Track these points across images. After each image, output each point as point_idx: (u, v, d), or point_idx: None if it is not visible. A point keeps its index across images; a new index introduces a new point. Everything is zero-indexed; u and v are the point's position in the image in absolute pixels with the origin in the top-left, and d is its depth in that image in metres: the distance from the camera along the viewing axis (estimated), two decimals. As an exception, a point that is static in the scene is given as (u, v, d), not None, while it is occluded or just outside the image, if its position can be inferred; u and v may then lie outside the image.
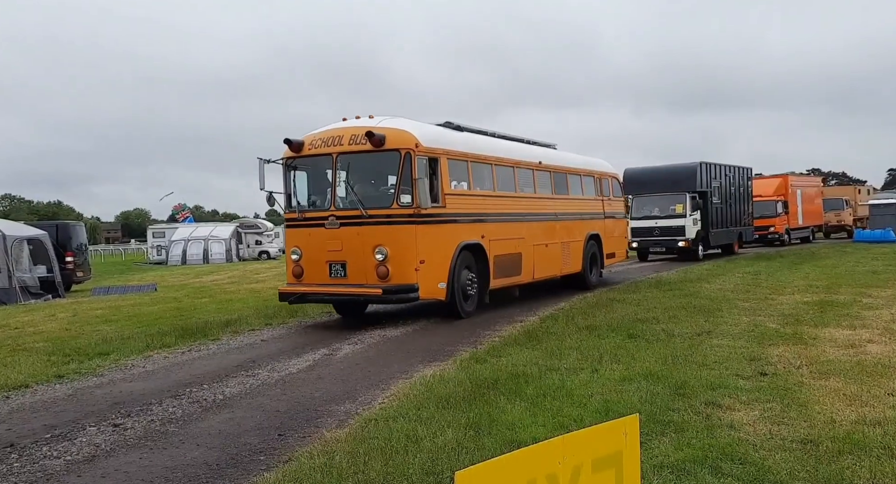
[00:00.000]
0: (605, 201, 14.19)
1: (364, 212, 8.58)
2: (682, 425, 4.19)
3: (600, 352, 6.49)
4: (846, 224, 32.42)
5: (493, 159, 10.47)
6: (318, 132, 9.29)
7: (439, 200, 8.97)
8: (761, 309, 9.24)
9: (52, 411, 5.31)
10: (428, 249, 8.70)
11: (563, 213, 12.39)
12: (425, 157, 8.73)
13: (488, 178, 10.39)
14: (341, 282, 8.78)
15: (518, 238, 10.82)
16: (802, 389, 5.02)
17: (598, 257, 13.70)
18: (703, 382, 5.24)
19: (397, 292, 8.48)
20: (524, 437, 4.05)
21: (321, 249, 8.89)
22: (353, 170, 8.93)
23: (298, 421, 4.80)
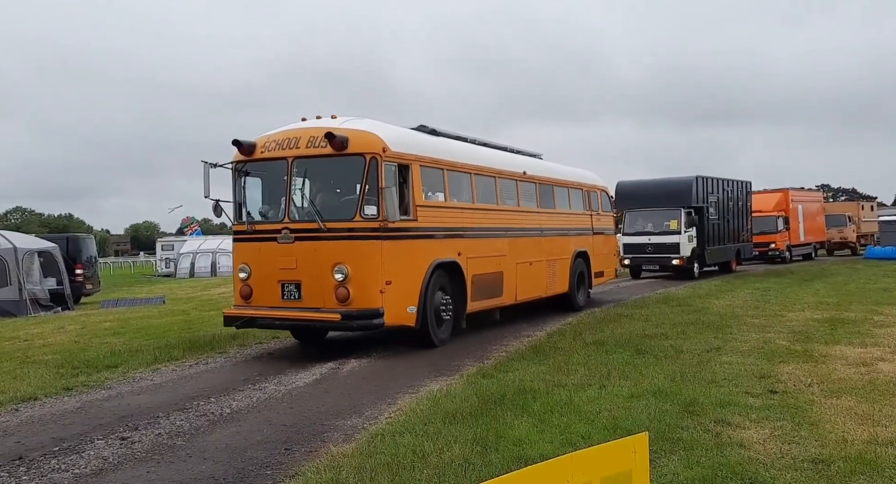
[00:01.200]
0: (593, 216, 13.23)
1: (322, 224, 7.47)
2: (691, 443, 4.15)
3: (608, 368, 6.45)
4: (849, 241, 31.38)
5: (473, 168, 9.45)
6: (273, 133, 8.18)
7: (410, 213, 7.93)
8: (771, 326, 9.16)
9: (61, 424, 5.32)
10: (395, 268, 7.62)
11: (549, 229, 11.38)
12: (394, 164, 7.68)
13: (466, 189, 9.37)
14: (295, 305, 7.61)
15: (499, 255, 9.75)
16: (813, 407, 4.97)
17: (586, 276, 12.68)
18: (713, 399, 5.19)
19: (359, 318, 7.38)
20: (531, 453, 4.03)
21: (273, 267, 7.74)
22: (311, 176, 7.94)
23: (305, 435, 4.79)
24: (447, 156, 8.95)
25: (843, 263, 24.39)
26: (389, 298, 7.55)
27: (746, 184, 22.92)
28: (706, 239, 19.65)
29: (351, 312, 7.36)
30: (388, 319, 7.51)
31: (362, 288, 7.40)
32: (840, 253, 31.69)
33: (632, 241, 19.73)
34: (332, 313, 7.38)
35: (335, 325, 7.58)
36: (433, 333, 8.25)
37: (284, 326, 8.10)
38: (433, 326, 8.26)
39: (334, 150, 7.48)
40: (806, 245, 27.74)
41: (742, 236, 22.42)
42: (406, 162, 7.96)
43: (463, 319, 8.94)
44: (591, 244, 12.87)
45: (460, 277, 8.78)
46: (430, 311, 8.14)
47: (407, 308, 7.82)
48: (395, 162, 7.74)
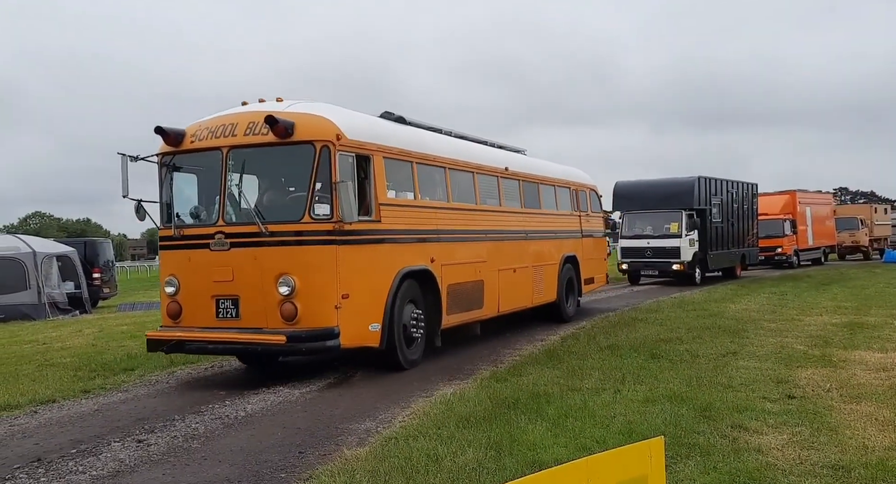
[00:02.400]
0: (582, 217, 12.09)
1: (263, 227, 6.27)
2: (707, 449, 4.11)
3: (623, 372, 6.41)
4: (861, 245, 30.37)
5: (448, 162, 8.26)
6: (206, 119, 6.94)
7: (371, 212, 6.73)
8: (788, 330, 9.06)
9: (79, 426, 5.38)
10: (354, 279, 6.45)
11: (535, 231, 10.29)
12: (351, 154, 6.50)
13: (440, 186, 8.22)
14: (232, 324, 6.39)
15: (479, 262, 8.61)
16: (832, 412, 4.90)
17: (576, 284, 11.59)
18: (729, 404, 5.14)
19: (308, 340, 6.17)
20: (546, 457, 4.01)
21: (205, 279, 6.49)
22: (251, 170, 6.81)
23: (319, 438, 4.81)
24: (417, 147, 7.75)
25: (862, 267, 24.06)
26: (347, 315, 6.34)
27: (752, 185, 22.02)
28: (709, 243, 18.63)
29: (299, 333, 6.15)
30: (345, 339, 6.29)
31: (313, 303, 6.22)
32: (852, 257, 30.79)
33: (630, 244, 18.69)
34: (275, 335, 6.14)
35: (279, 348, 6.23)
36: (401, 355, 7.08)
37: (219, 350, 6.71)
38: (401, 346, 7.08)
39: (277, 138, 6.29)
40: (815, 249, 26.78)
41: (747, 240, 21.48)
42: (366, 152, 6.74)
43: (437, 336, 7.80)
44: (580, 248, 11.85)
45: (434, 287, 7.64)
46: (397, 328, 6.95)
47: (368, 326, 6.64)
48: (353, 152, 6.54)
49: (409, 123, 8.27)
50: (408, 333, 7.23)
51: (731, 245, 20.16)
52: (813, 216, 26.27)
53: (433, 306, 7.68)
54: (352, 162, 6.55)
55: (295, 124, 6.32)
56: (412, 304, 7.36)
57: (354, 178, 6.51)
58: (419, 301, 7.47)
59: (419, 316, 7.39)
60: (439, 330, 7.80)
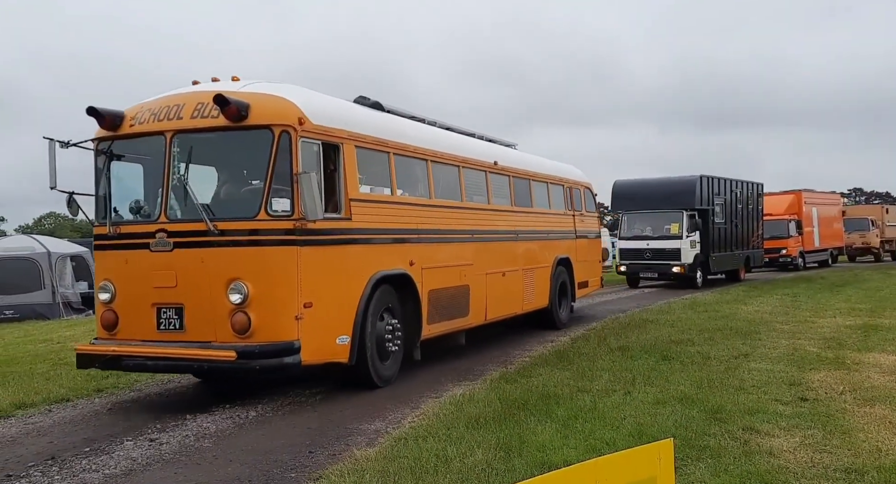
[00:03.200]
0: (576, 217, 11.33)
1: (211, 225, 5.44)
2: (718, 451, 4.09)
3: (633, 374, 6.38)
4: (872, 246, 29.42)
5: (430, 154, 7.48)
6: (150, 100, 6.10)
7: (341, 209, 5.98)
8: (801, 332, 8.98)
9: (92, 425, 5.44)
10: (319, 285, 5.67)
11: (526, 232, 9.55)
12: (316, 142, 5.74)
13: (422, 181, 7.44)
14: (176, 338, 5.55)
15: (464, 265, 7.84)
16: (846, 415, 4.85)
17: (569, 288, 10.86)
18: (741, 406, 5.11)
19: (263, 356, 5.30)
20: (555, 459, 4.00)
21: (144, 285, 5.64)
22: (199, 158, 5.92)
23: (329, 438, 4.83)
24: (395, 136, 6.95)
25: (877, 269, 23.79)
26: (309, 327, 5.54)
27: (757, 185, 21.24)
28: (711, 244, 17.88)
29: (251, 349, 5.28)
30: (307, 355, 5.49)
31: (269, 314, 5.41)
32: (862, 259, 30.04)
33: (629, 245, 17.94)
34: (224, 350, 5.27)
35: (230, 366, 5.28)
36: (374, 371, 6.29)
37: (159, 368, 5.79)
38: (374, 361, 6.30)
39: (229, 121, 5.48)
40: (821, 251, 26.00)
41: (752, 242, 20.70)
42: (335, 140, 5.96)
43: (417, 349, 7.05)
44: (574, 249, 11.09)
45: (413, 293, 6.86)
46: (369, 341, 6.17)
47: (336, 339, 5.84)
48: (319, 139, 5.76)
49: (386, 110, 7.39)
50: (382, 345, 6.44)
51: (735, 247, 19.48)
52: (819, 217, 25.60)
53: (412, 315, 6.90)
54: (317, 151, 5.76)
55: (250, 106, 5.49)
56: (388, 312, 6.58)
57: (320, 170, 5.73)
58: (396, 309, 6.69)
59: (396, 326, 6.63)
60: (419, 341, 7.02)
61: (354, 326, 6.01)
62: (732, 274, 19.86)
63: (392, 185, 6.85)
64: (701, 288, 17.25)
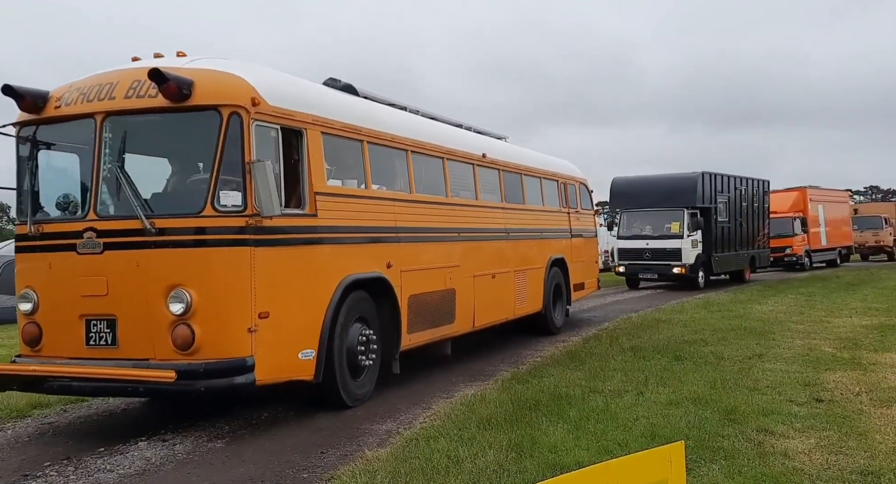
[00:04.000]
0: (571, 215, 10.67)
1: (148, 224, 4.68)
2: (732, 453, 4.06)
3: (645, 374, 6.34)
4: (886, 245, 28.74)
5: (410, 143, 6.76)
6: (82, 79, 5.28)
7: (304, 204, 5.26)
8: (816, 332, 8.89)
9: (107, 425, 5.49)
10: (277, 292, 4.93)
11: (518, 230, 8.85)
12: (274, 126, 5.00)
13: (401, 174, 6.74)
14: (107, 354, 4.78)
15: (450, 266, 7.15)
16: (862, 417, 4.80)
17: (564, 290, 10.20)
18: (755, 407, 5.06)
19: (208, 375, 4.54)
20: (567, 460, 3.99)
21: (71, 293, 4.86)
22: (135, 144, 5.14)
23: (340, 439, 4.84)
24: (370, 123, 6.20)
25: (893, 268, 23.49)
26: (266, 341, 4.80)
27: (763, 182, 20.47)
28: (714, 244, 17.17)
29: (195, 367, 4.53)
30: (263, 373, 4.75)
31: (216, 326, 4.67)
32: (876, 259, 29.33)
33: (628, 245, 17.22)
34: (162, 370, 4.47)
35: (169, 388, 4.49)
36: (344, 389, 5.56)
37: (87, 390, 5.06)
38: (344, 377, 5.56)
39: (169, 101, 4.70)
40: (829, 250, 25.16)
41: (757, 242, 19.97)
42: (297, 125, 5.23)
43: (395, 361, 6.34)
44: (569, 249, 10.42)
45: (390, 299, 6.16)
46: (339, 355, 5.46)
47: (298, 354, 5.12)
48: (277, 123, 5.02)
49: (361, 95, 6.72)
50: (354, 359, 5.70)
51: (739, 246, 18.78)
52: (826, 214, 24.80)
53: (390, 323, 6.21)
54: (275, 137, 5.02)
55: (193, 83, 4.72)
56: (361, 321, 5.84)
57: (279, 159, 5.01)
58: (371, 317, 5.98)
59: (371, 337, 5.88)
60: (398, 353, 6.31)
61: (321, 338, 5.28)
62: (736, 275, 19.22)
63: (366, 177, 6.10)
64: (703, 289, 16.68)
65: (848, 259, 27.74)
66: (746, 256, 19.29)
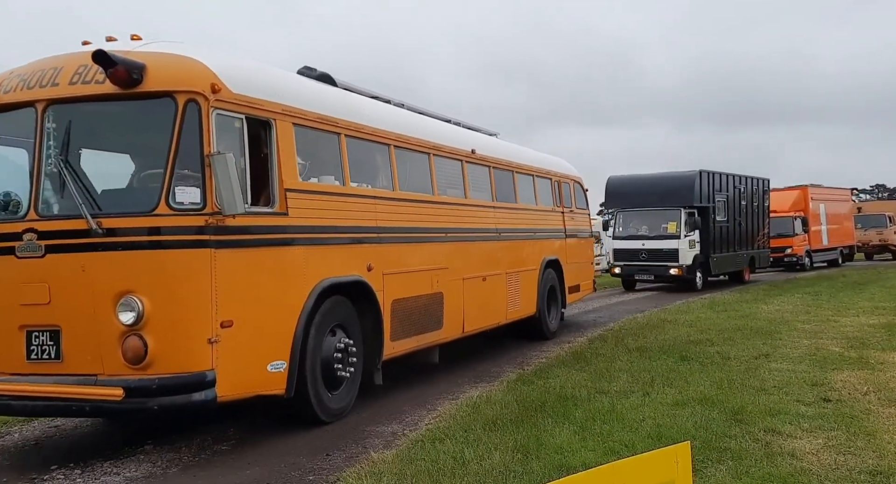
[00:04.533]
0: (565, 214, 10.20)
1: (94, 224, 4.20)
2: (739, 453, 4.04)
3: (651, 375, 6.32)
4: (890, 244, 28.00)
5: (393, 138, 6.29)
6: (25, 65, 4.81)
7: (274, 202, 4.77)
8: (823, 331, 8.84)
9: (114, 428, 5.50)
10: (241, 298, 4.46)
11: (510, 230, 8.42)
12: (238, 116, 4.52)
13: (384, 169, 6.29)
14: (51, 369, 4.31)
15: (437, 269, 6.68)
16: (870, 416, 4.77)
17: (559, 293, 9.74)
18: (762, 407, 5.04)
19: (163, 392, 4.13)
20: (573, 461, 3.98)
21: (10, 302, 4.41)
22: (80, 136, 4.58)
23: (346, 441, 4.84)
24: (349, 114, 5.73)
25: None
26: (228, 352, 4.32)
27: (763, 181, 19.84)
28: (712, 244, 16.61)
29: (146, 384, 4.09)
30: (225, 388, 4.28)
31: (172, 337, 4.19)
32: (880, 257, 28.70)
33: (623, 245, 16.62)
34: (109, 387, 4.08)
35: (117, 407, 4.14)
36: (318, 404, 5.08)
37: (28, 410, 4.60)
38: (318, 390, 5.08)
39: (118, 87, 4.24)
40: (830, 250, 24.46)
41: (757, 242, 19.36)
42: (265, 115, 4.74)
43: (378, 371, 5.85)
44: (563, 250, 9.98)
45: (372, 304, 5.67)
46: (313, 366, 4.98)
47: (266, 366, 4.61)
48: (242, 113, 4.53)
49: (339, 86, 6.24)
50: (331, 371, 5.22)
51: (738, 247, 18.18)
52: (828, 213, 24.15)
53: (371, 331, 5.73)
54: (240, 127, 4.53)
55: (145, 67, 4.23)
56: (339, 329, 5.38)
57: (244, 152, 4.51)
58: (350, 324, 5.50)
59: (349, 346, 5.41)
60: (380, 362, 5.83)
61: (293, 348, 4.79)
62: (736, 275, 18.61)
63: (344, 173, 5.59)
64: (701, 291, 16.10)
65: (851, 258, 27.21)
66: (746, 257, 18.77)
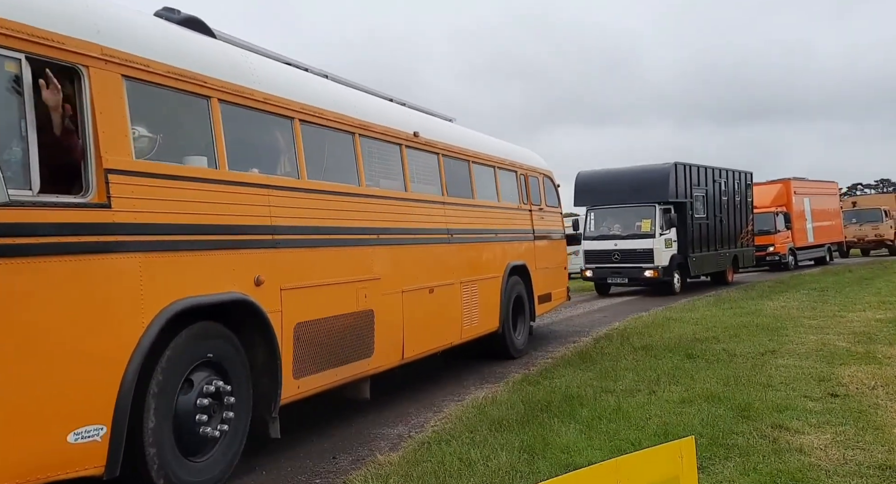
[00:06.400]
0: (534, 212, 8.84)
1: None
2: (747, 449, 4.02)
3: (657, 373, 6.30)
4: (886, 239, 26.86)
5: (298, 109, 4.79)
6: None
7: (89, 188, 3.31)
8: (830, 327, 8.80)
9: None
10: (20, 337, 2.93)
11: (465, 231, 6.95)
12: (14, 55, 3.05)
13: (286, 152, 4.77)
14: None
15: (365, 280, 5.26)
16: (878, 411, 4.74)
17: (527, 303, 8.36)
18: (769, 403, 5.02)
19: None
20: (580, 460, 3.96)
21: None
22: None
23: (352, 443, 4.84)
24: (226, 74, 4.24)
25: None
26: None
27: (745, 174, 18.65)
28: (690, 243, 15.39)
29: None
30: None
31: None
32: (876, 253, 27.75)
33: (595, 247, 15.33)
34: None
35: None
36: (165, 481, 3.50)
37: None
38: (166, 462, 3.53)
39: None
40: (817, 247, 23.19)
41: (740, 239, 18.11)
42: (71, 60, 3.29)
43: (274, 420, 4.34)
44: (532, 254, 8.60)
45: (263, 331, 4.20)
46: (156, 428, 3.48)
47: (67, 436, 3.08)
48: (21, 50, 3.08)
49: (217, 37, 4.63)
50: (191, 431, 3.71)
51: (720, 245, 16.93)
52: (813, 208, 22.85)
53: (264, 367, 4.24)
54: (16, 73, 3.07)
55: None
56: (207, 369, 3.87)
57: (24, 109, 3.06)
58: (229, 361, 4.00)
59: (224, 392, 3.93)
60: (276, 408, 4.30)
61: (117, 405, 3.26)
62: (719, 276, 17.40)
63: (218, 152, 4.07)
64: (679, 294, 14.86)
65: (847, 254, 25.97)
66: (728, 256, 17.47)
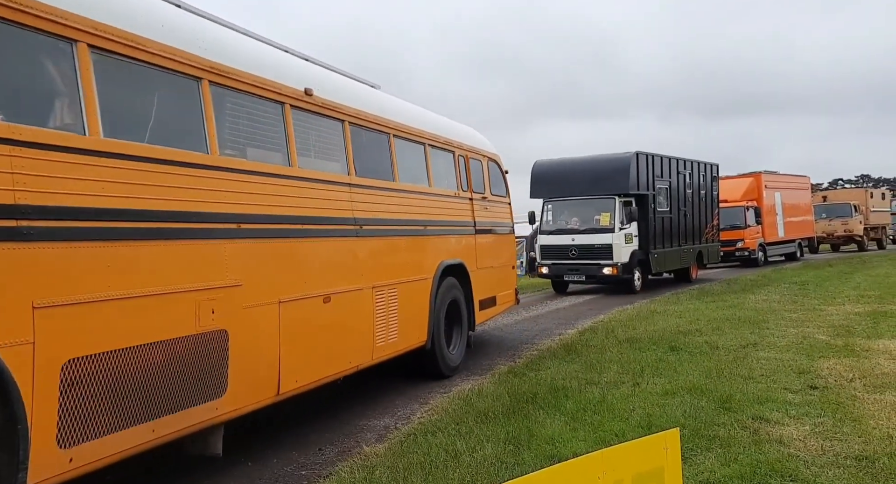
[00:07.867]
0: (475, 202, 7.46)
1: None
2: (728, 440, 4.09)
3: (641, 365, 6.37)
4: (855, 234, 26.57)
5: (87, 28, 3.05)
6: None
7: None
8: (810, 320, 8.95)
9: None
10: None
11: (380, 221, 5.52)
12: None
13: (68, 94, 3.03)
14: None
15: (214, 288, 3.66)
16: (856, 403, 4.84)
17: (464, 311, 7.06)
18: (750, 395, 5.10)
19: None
20: (564, 452, 4.01)
21: None
22: None
23: (338, 435, 4.85)
24: None
25: (887, 256, 23.64)
26: None
27: (711, 166, 17.78)
28: (652, 239, 14.49)
29: None
30: None
31: None
32: (846, 249, 27.15)
33: (551, 241, 14.35)
34: None
35: None
36: None
37: None
38: None
39: None
40: (787, 243, 22.55)
41: (705, 235, 17.30)
42: None
43: None
44: (472, 251, 7.26)
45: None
46: None
47: None
48: None
49: None
50: None
51: (683, 241, 16.06)
52: (784, 203, 22.31)
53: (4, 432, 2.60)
54: None
55: None
56: None
57: None
58: None
59: None
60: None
61: None
62: (682, 273, 16.53)
63: None
64: (640, 293, 14.03)
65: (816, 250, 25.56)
66: (692, 252, 16.60)
